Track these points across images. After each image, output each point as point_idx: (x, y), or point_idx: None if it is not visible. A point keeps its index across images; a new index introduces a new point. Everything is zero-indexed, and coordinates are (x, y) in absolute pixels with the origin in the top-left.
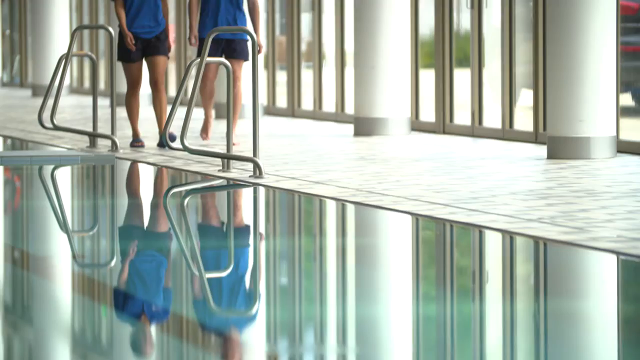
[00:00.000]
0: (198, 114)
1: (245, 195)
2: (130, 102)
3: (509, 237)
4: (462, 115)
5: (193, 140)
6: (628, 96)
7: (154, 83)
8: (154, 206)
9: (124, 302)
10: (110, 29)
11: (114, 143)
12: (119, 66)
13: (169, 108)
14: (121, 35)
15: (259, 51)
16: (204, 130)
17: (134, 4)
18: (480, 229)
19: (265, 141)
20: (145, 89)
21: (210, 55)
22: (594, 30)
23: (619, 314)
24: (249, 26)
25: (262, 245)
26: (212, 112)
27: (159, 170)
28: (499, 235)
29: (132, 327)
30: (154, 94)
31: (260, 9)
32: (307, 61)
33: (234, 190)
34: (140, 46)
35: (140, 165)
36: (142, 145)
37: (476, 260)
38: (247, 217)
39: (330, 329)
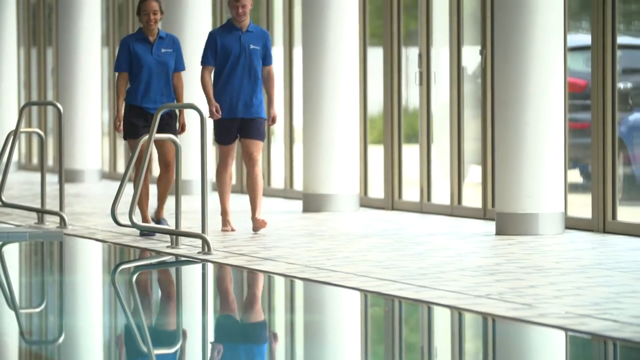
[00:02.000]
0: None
1: (194, 272)
2: (143, 184)
3: (458, 313)
4: (411, 192)
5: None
6: (576, 172)
7: (165, 164)
8: (102, 283)
9: None
10: (59, 105)
11: (62, 219)
12: (67, 142)
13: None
14: (125, 111)
15: (273, 122)
16: (224, 224)
17: (142, 77)
18: (429, 305)
19: (214, 217)
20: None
21: (226, 135)
22: (542, 108)
23: None
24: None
25: (210, 322)
26: (229, 203)
27: (108, 247)
28: (447, 311)
29: None
30: (163, 174)
31: (275, 79)
32: None
33: (183, 266)
34: (149, 123)
35: (88, 242)
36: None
37: (425, 336)
38: (195, 294)
39: None
